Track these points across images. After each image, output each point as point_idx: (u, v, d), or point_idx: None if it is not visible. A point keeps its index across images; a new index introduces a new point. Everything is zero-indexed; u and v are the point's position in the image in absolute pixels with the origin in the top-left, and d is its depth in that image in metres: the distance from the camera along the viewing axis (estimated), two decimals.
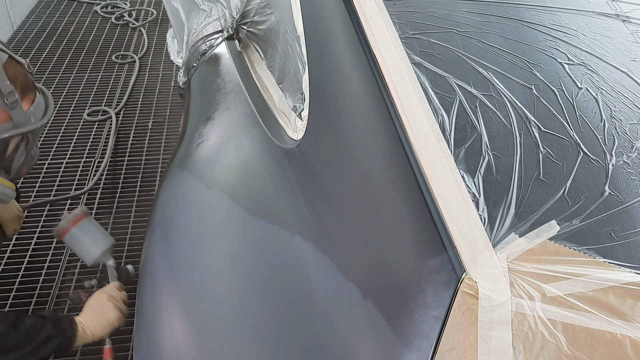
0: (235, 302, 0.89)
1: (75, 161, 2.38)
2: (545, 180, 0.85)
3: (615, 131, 0.94)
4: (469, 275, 0.73)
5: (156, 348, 0.90)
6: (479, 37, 1.07)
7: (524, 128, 0.92)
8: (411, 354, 0.72)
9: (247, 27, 1.51)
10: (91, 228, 1.32)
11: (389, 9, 1.09)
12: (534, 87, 0.98)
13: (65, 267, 1.88)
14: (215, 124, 1.32)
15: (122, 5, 3.75)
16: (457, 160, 0.86)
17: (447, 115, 0.91)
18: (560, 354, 0.68)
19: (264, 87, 1.40)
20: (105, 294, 1.19)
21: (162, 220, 1.10)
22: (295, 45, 1.22)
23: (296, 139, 1.11)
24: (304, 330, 0.83)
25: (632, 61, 1.10)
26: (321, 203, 0.95)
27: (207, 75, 1.58)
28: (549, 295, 0.72)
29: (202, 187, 1.11)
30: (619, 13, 1.23)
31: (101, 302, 1.17)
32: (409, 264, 0.79)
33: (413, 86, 0.95)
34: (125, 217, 2.11)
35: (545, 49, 1.07)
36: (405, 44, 1.02)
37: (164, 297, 0.95)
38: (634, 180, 0.88)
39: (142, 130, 2.61)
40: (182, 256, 0.99)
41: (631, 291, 0.73)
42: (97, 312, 1.16)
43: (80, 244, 1.30)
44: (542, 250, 0.77)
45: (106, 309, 1.16)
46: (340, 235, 0.90)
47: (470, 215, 0.79)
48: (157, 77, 3.03)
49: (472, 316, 0.70)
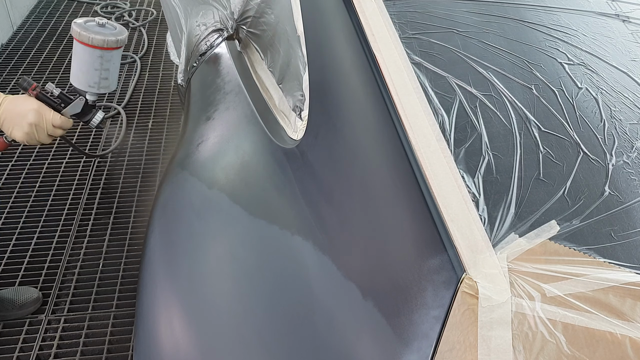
0: (235, 302, 0.89)
1: (75, 161, 2.39)
2: (545, 180, 0.85)
3: (615, 131, 0.94)
4: (469, 275, 0.73)
5: (156, 348, 0.90)
6: (479, 37, 1.07)
7: (524, 128, 0.92)
8: (411, 354, 0.72)
9: (247, 27, 1.51)
10: (117, 63, 1.18)
11: (389, 9, 1.09)
12: (534, 87, 0.98)
13: (65, 267, 1.88)
14: (215, 124, 1.32)
15: (122, 5, 3.75)
16: (457, 160, 0.86)
17: (447, 115, 0.91)
18: (560, 354, 0.68)
19: (264, 87, 1.40)
20: (38, 110, 1.06)
21: (162, 220, 1.10)
22: (295, 45, 1.22)
23: (296, 139, 1.11)
24: (303, 330, 0.83)
25: (632, 61, 1.10)
26: (321, 203, 0.95)
27: (207, 75, 1.58)
28: (549, 295, 0.72)
29: (202, 187, 1.11)
30: (619, 13, 1.23)
31: (27, 109, 1.05)
32: (409, 264, 0.79)
33: (413, 86, 0.95)
34: (126, 217, 2.11)
35: (545, 49, 1.07)
36: (405, 44, 1.02)
37: (164, 297, 0.95)
38: (634, 180, 0.88)
39: (142, 130, 2.61)
40: (182, 256, 0.99)
41: (631, 291, 0.73)
42: (16, 111, 1.04)
43: (104, 65, 1.14)
44: (542, 250, 0.77)
45: (24, 116, 1.04)
46: (340, 235, 0.90)
47: (470, 215, 0.79)
48: (157, 77, 3.03)
49: (472, 316, 0.70)
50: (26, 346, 1.63)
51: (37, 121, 1.06)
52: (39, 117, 1.06)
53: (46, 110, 1.07)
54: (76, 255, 1.94)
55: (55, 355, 1.61)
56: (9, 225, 2.04)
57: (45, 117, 1.07)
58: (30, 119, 1.05)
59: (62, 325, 1.69)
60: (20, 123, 1.04)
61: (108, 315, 1.74)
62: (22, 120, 1.04)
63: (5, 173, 2.29)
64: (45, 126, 1.08)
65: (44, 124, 1.07)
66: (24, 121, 1.04)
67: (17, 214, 2.08)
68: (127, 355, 1.62)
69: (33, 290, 1.74)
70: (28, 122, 1.05)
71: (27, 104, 1.05)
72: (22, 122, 1.04)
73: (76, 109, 1.13)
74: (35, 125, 1.06)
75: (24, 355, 1.60)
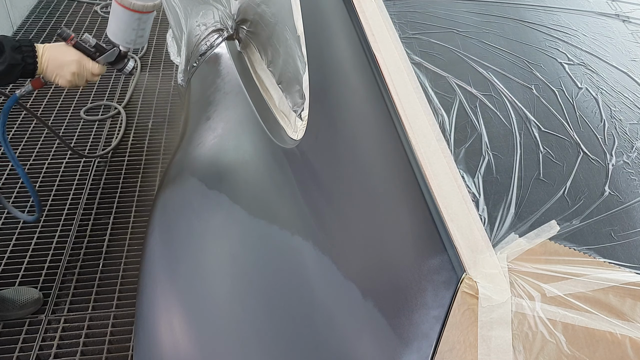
0: (235, 302, 0.89)
1: (75, 161, 2.39)
2: (545, 180, 0.85)
3: (615, 131, 0.94)
4: (469, 275, 0.73)
5: (156, 348, 0.90)
6: (479, 37, 1.07)
7: (524, 128, 0.92)
8: (411, 354, 0.72)
9: (247, 27, 1.51)
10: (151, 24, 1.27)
11: (389, 9, 1.09)
12: (534, 87, 0.98)
13: (65, 267, 1.88)
14: (215, 124, 1.32)
15: None
16: (457, 160, 0.86)
17: (447, 115, 0.91)
18: (560, 354, 0.68)
19: (264, 87, 1.40)
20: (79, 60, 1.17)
21: (162, 220, 1.10)
22: (295, 45, 1.22)
23: (296, 139, 1.11)
24: (303, 330, 0.83)
25: (632, 61, 1.10)
26: (321, 203, 0.95)
27: (207, 75, 1.58)
28: (549, 295, 0.72)
29: (202, 187, 1.11)
30: (619, 13, 1.23)
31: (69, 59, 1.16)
32: (409, 264, 0.79)
33: (413, 86, 0.95)
34: (125, 217, 2.11)
35: (545, 49, 1.07)
36: (405, 44, 1.02)
37: (164, 297, 0.95)
38: (634, 180, 0.88)
39: (142, 130, 2.61)
40: (182, 256, 0.99)
41: (631, 291, 0.73)
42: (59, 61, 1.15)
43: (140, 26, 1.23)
44: (542, 250, 0.77)
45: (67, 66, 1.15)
46: (340, 235, 0.90)
47: (470, 215, 0.79)
48: (157, 77, 3.03)
49: (472, 316, 0.70)
50: (26, 346, 1.63)
51: (79, 71, 1.18)
52: (81, 67, 1.18)
53: (86, 61, 1.19)
54: (76, 255, 1.94)
55: (55, 355, 1.61)
56: (9, 225, 2.04)
57: (86, 66, 1.19)
58: (73, 68, 1.16)
59: (62, 325, 1.69)
60: (63, 72, 1.16)
61: (108, 315, 1.74)
62: (65, 70, 1.16)
63: (5, 173, 2.29)
64: (85, 74, 1.20)
65: (84, 72, 1.19)
66: (66, 71, 1.16)
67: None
68: (127, 355, 1.62)
69: (34, 290, 1.75)
70: (71, 71, 1.16)
71: (68, 55, 1.16)
72: (65, 71, 1.16)
73: (110, 57, 1.23)
74: (77, 74, 1.18)
75: (24, 355, 1.60)
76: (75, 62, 1.16)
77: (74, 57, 1.16)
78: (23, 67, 1.11)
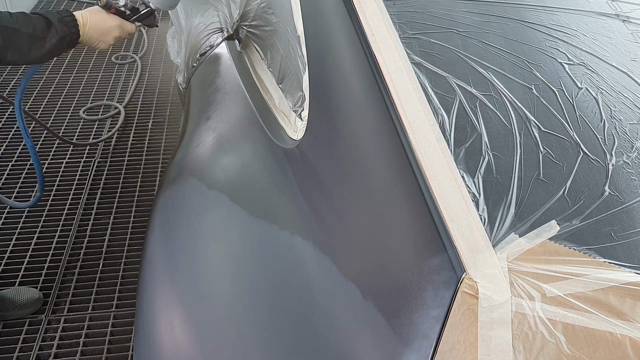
0: (235, 302, 0.89)
1: (75, 161, 2.39)
2: (545, 180, 0.85)
3: (615, 131, 0.94)
4: (469, 275, 0.73)
5: (156, 348, 0.90)
6: (479, 37, 1.07)
7: (524, 128, 0.92)
8: (411, 354, 0.72)
9: (247, 27, 1.51)
10: None
11: (389, 9, 1.09)
12: (534, 87, 0.98)
13: (65, 267, 1.88)
14: (215, 124, 1.32)
15: None
16: (457, 160, 0.86)
17: (447, 115, 0.91)
18: (560, 354, 0.68)
19: (264, 87, 1.40)
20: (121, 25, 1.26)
21: (162, 220, 1.10)
22: (295, 45, 1.22)
23: (296, 139, 1.11)
24: (303, 330, 0.83)
25: (632, 61, 1.10)
26: (321, 203, 0.95)
27: (207, 75, 1.58)
28: (549, 295, 0.72)
29: (202, 187, 1.11)
30: (619, 13, 1.23)
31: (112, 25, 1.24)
32: (409, 264, 0.79)
33: (413, 86, 0.95)
34: (125, 217, 2.11)
35: (545, 49, 1.07)
36: (405, 44, 1.02)
37: (164, 297, 0.95)
38: (634, 180, 0.87)
39: (142, 130, 2.61)
40: (182, 256, 0.99)
41: (631, 291, 0.73)
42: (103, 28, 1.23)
43: None
44: (542, 250, 0.77)
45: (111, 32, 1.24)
46: (340, 235, 0.90)
47: (470, 215, 0.79)
48: (157, 77, 3.03)
49: (472, 316, 0.70)
50: (26, 346, 1.63)
51: (121, 34, 1.28)
52: (122, 30, 1.27)
53: (126, 24, 1.28)
54: (76, 255, 1.94)
55: (55, 355, 1.61)
56: (9, 225, 2.04)
57: (125, 29, 1.28)
58: (116, 33, 1.26)
59: (62, 325, 1.69)
60: (106, 38, 1.25)
61: (108, 315, 1.74)
62: (109, 36, 1.25)
63: (6, 173, 2.29)
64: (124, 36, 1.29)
65: (124, 35, 1.29)
66: (110, 36, 1.25)
67: (17, 213, 2.08)
68: (127, 355, 1.62)
69: (34, 290, 1.75)
70: (114, 36, 1.26)
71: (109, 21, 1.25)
72: (109, 37, 1.25)
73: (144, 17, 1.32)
74: (118, 38, 1.28)
75: (24, 355, 1.60)
76: (117, 27, 1.25)
77: (115, 22, 1.25)
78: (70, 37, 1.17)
